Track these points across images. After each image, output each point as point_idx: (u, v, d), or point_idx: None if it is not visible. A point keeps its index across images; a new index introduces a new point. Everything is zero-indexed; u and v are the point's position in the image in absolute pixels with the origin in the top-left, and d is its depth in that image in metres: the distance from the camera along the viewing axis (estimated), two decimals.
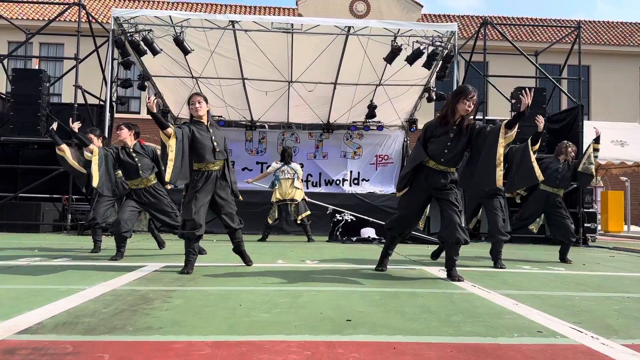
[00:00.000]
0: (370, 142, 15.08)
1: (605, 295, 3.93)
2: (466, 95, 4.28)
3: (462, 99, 4.28)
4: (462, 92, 4.34)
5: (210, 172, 4.54)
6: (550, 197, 6.48)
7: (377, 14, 23.20)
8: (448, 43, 11.16)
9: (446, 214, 4.35)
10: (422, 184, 4.47)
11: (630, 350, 2.35)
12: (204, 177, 4.52)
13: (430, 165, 4.42)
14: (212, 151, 4.51)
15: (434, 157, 4.41)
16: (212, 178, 4.54)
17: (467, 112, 4.31)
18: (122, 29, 10.77)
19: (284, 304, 3.20)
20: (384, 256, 4.97)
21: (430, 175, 4.42)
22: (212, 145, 4.52)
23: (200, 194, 4.47)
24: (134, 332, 2.44)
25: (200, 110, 4.58)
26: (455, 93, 4.43)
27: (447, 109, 4.38)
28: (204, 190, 4.50)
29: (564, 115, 11.57)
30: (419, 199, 4.58)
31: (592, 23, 26.10)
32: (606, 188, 20.79)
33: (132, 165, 5.61)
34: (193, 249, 4.52)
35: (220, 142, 4.61)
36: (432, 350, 2.27)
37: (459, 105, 4.29)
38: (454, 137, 4.34)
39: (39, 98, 10.62)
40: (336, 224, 9.66)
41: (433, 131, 4.43)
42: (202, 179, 4.51)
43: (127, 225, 5.56)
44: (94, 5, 23.59)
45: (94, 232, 6.51)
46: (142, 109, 22.96)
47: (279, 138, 15.00)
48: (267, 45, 11.42)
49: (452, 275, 4.43)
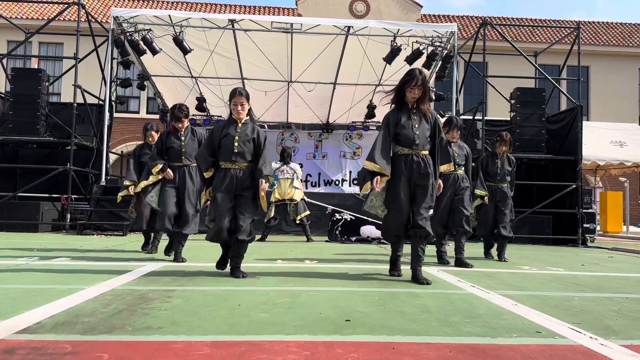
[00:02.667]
0: (369, 143, 14.98)
1: (604, 296, 3.93)
2: (411, 83, 4.30)
3: (408, 87, 4.33)
4: (407, 80, 4.33)
5: (227, 170, 4.36)
6: (496, 192, 6.50)
7: (377, 14, 23.21)
8: (447, 43, 11.18)
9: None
10: (402, 171, 4.31)
11: (629, 350, 2.35)
12: (222, 175, 4.37)
13: (406, 152, 4.34)
14: (230, 153, 4.36)
15: (407, 143, 4.33)
16: (230, 176, 4.34)
17: (415, 98, 4.36)
18: (122, 28, 10.78)
19: (283, 304, 3.20)
20: (395, 260, 4.70)
21: (410, 161, 4.31)
22: (231, 148, 4.35)
23: (219, 195, 4.33)
24: (133, 332, 2.44)
25: (241, 114, 4.43)
26: (402, 81, 4.40)
27: (396, 97, 4.44)
28: (224, 190, 4.33)
29: (563, 115, 11.58)
30: (404, 188, 4.31)
31: (591, 24, 26.12)
32: (605, 188, 20.81)
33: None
34: (225, 245, 4.55)
35: (243, 144, 4.37)
36: (431, 350, 2.27)
37: (408, 94, 4.36)
38: (418, 121, 4.36)
39: (38, 97, 10.61)
40: (335, 224, 9.66)
41: (397, 119, 4.37)
42: (220, 177, 4.37)
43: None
44: (93, 5, 23.58)
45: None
46: (141, 109, 22.96)
47: (279, 138, 15.01)
48: (267, 45, 11.43)
49: (416, 277, 4.27)
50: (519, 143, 10.77)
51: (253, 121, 4.56)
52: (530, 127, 10.83)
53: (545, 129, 10.89)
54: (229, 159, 4.37)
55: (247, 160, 4.39)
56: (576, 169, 10.62)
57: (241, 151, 4.36)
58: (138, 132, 22.61)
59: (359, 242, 9.17)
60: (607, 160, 13.69)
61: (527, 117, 10.84)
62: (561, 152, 10.96)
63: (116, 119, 14.12)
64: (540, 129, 10.82)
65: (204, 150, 4.50)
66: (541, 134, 10.80)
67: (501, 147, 6.47)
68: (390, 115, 4.43)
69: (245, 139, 4.38)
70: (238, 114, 4.42)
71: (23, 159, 11.93)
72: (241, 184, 4.36)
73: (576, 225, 10.37)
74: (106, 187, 10.28)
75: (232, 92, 4.49)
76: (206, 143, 4.57)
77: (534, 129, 10.82)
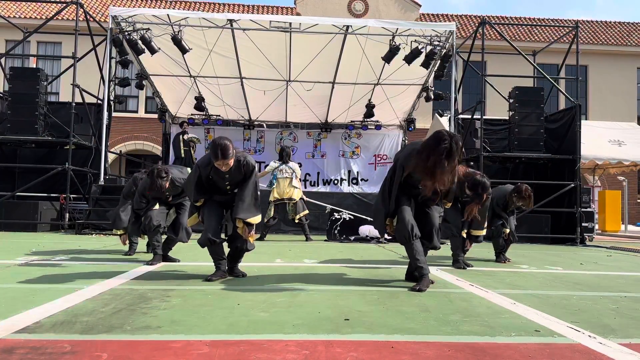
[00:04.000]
0: (368, 142, 15.08)
1: (602, 295, 3.93)
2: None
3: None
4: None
5: (220, 197, 4.37)
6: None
7: (376, 13, 23.22)
8: (446, 42, 11.18)
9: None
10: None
11: (628, 349, 2.36)
12: (216, 198, 4.36)
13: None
14: (223, 191, 4.33)
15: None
16: (223, 199, 4.35)
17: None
18: (120, 27, 10.76)
19: (282, 303, 3.20)
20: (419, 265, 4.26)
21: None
22: (224, 189, 4.31)
23: (208, 202, 4.32)
24: (132, 332, 2.44)
25: (226, 170, 4.13)
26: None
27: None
28: (214, 200, 4.33)
29: (561, 114, 11.59)
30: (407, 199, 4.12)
31: (590, 23, 26.15)
32: (604, 187, 20.85)
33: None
34: (216, 254, 4.33)
35: (235, 184, 4.28)
36: (430, 349, 2.27)
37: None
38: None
39: (37, 97, 10.60)
40: (334, 223, 9.66)
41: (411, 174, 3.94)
42: (212, 199, 4.35)
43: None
44: (91, 4, 23.56)
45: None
46: (139, 108, 22.95)
47: (277, 137, 15.00)
48: (265, 45, 11.42)
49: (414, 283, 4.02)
50: (517, 142, 10.79)
51: (236, 156, 4.16)
52: (529, 126, 10.84)
53: (543, 128, 10.90)
54: (221, 192, 4.34)
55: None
56: (575, 168, 10.63)
57: (234, 188, 4.31)
58: (136, 132, 22.65)
59: (358, 242, 9.17)
60: (606, 159, 13.71)
61: (525, 116, 10.85)
62: (560, 151, 10.97)
63: (115, 119, 14.10)
64: (539, 128, 10.83)
65: (196, 194, 4.27)
66: (540, 133, 10.81)
67: (518, 203, 6.11)
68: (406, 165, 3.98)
69: (237, 179, 4.24)
70: (224, 171, 4.12)
71: (21, 158, 11.91)
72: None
73: (575, 224, 10.38)
74: (105, 187, 10.28)
75: (212, 150, 4.02)
76: (195, 183, 4.25)
77: (532, 128, 10.83)
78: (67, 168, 10.41)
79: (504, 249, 6.40)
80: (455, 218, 5.57)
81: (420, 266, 3.95)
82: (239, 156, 4.20)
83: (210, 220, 4.23)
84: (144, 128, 22.50)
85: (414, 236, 3.96)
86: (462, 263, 5.50)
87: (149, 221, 5.26)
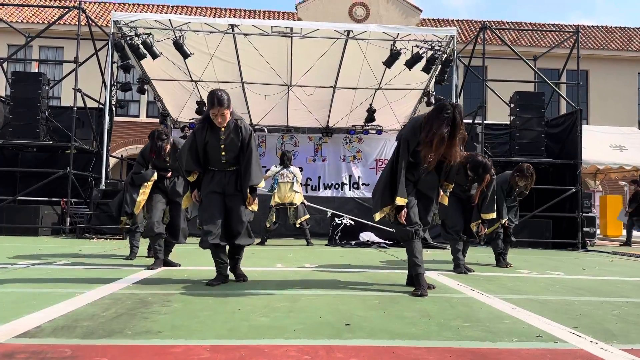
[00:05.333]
0: (369, 146, 15.09)
1: (604, 300, 3.92)
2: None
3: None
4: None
5: (216, 172, 4.18)
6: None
7: (377, 18, 23.27)
8: (447, 47, 11.20)
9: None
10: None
11: (630, 355, 2.35)
12: (211, 176, 4.19)
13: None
14: (219, 161, 4.15)
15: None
16: (219, 178, 4.17)
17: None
18: (122, 32, 10.80)
19: (283, 308, 3.20)
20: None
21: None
22: (219, 157, 4.13)
23: (207, 197, 4.16)
24: (133, 336, 2.44)
25: (222, 124, 4.05)
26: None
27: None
28: (214, 191, 4.16)
29: (562, 119, 11.59)
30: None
31: (590, 28, 26.19)
32: (605, 192, 20.80)
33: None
34: (218, 258, 4.20)
35: (231, 151, 4.12)
36: (431, 354, 2.27)
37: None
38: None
39: (38, 101, 10.63)
40: (335, 228, 9.65)
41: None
42: (208, 178, 4.19)
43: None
44: (93, 9, 23.63)
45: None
46: (141, 112, 22.98)
47: (278, 142, 15.01)
48: (267, 49, 11.45)
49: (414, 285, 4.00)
50: (518, 147, 10.78)
51: (233, 115, 4.11)
52: (530, 131, 10.85)
53: (544, 133, 10.90)
54: (216, 165, 4.18)
55: (237, 163, 4.18)
56: (576, 172, 10.62)
57: (230, 158, 4.14)
58: (138, 136, 22.63)
59: (359, 246, 9.15)
60: (607, 164, 13.68)
61: (526, 120, 10.86)
62: (561, 155, 10.96)
63: (116, 123, 14.13)
64: (540, 132, 10.84)
65: (189, 160, 4.14)
66: (541, 138, 10.81)
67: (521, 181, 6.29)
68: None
69: (233, 146, 4.10)
70: (219, 124, 4.04)
71: (23, 162, 11.92)
72: (233, 186, 4.16)
73: (576, 229, 10.36)
74: (106, 191, 10.28)
75: (209, 99, 4.00)
76: (189, 150, 4.14)
77: (533, 133, 10.83)
78: (68, 172, 10.42)
79: (503, 252, 6.38)
80: (454, 221, 5.57)
81: (418, 265, 3.97)
82: (236, 117, 4.13)
83: (212, 220, 4.09)
84: (146, 132, 22.28)
85: (417, 236, 3.99)
86: (463, 268, 5.48)
87: (151, 228, 5.29)
